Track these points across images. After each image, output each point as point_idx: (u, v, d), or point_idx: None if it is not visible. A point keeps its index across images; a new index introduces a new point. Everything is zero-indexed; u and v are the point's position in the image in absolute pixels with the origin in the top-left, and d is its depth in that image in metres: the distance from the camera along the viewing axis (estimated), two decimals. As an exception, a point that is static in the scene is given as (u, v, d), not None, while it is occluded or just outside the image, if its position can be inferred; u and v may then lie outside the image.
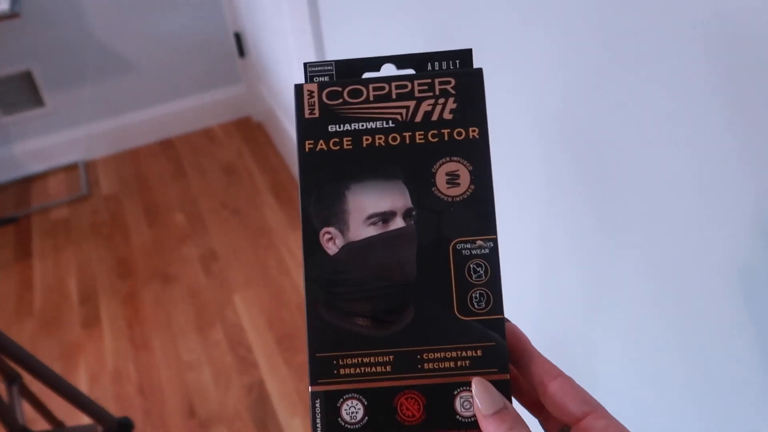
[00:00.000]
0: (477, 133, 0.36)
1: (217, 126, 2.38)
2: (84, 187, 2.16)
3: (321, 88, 0.37)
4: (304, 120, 0.36)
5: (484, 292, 0.35)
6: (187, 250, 1.87)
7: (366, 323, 0.35)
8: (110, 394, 1.50)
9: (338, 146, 0.36)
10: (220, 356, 1.55)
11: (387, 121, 0.36)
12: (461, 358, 0.34)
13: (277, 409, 1.42)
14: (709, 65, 0.42)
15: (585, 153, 0.58)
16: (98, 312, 1.71)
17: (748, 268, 0.45)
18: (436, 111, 0.36)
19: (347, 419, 0.34)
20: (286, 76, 1.70)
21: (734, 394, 0.51)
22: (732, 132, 0.42)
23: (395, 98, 0.36)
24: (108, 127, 2.26)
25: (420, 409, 0.34)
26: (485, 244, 0.35)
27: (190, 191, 2.09)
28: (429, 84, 0.36)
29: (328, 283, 0.35)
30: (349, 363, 0.35)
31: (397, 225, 0.35)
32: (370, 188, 0.35)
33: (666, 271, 0.53)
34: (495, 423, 0.32)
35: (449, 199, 0.35)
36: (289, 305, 1.66)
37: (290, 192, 2.02)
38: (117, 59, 2.14)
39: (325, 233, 0.35)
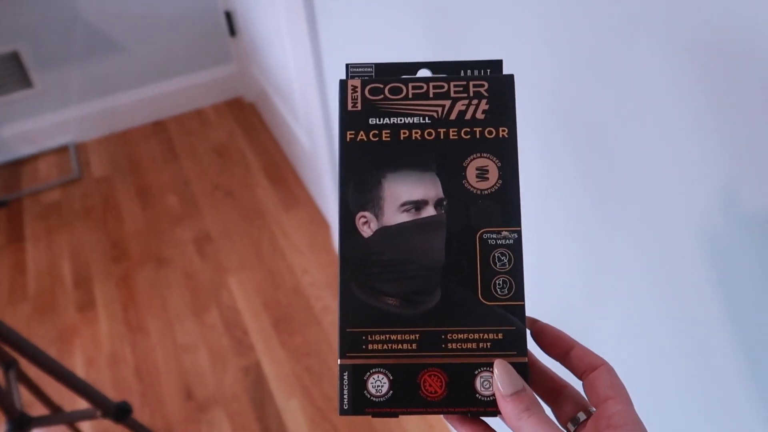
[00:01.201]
0: (506, 133, 0.39)
1: (208, 107, 2.35)
2: (75, 169, 2.14)
3: (364, 85, 0.40)
4: (346, 112, 0.39)
5: (507, 280, 0.37)
6: (181, 232, 1.86)
7: (395, 303, 0.37)
8: (107, 378, 1.50)
9: (377, 138, 0.39)
10: (216, 339, 1.56)
11: (424, 117, 0.39)
12: (483, 340, 0.37)
13: (274, 391, 1.43)
14: (695, 50, 0.42)
15: (579, 133, 0.58)
16: (93, 295, 1.71)
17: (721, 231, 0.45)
18: (470, 111, 0.39)
19: (373, 392, 0.37)
20: (278, 55, 1.68)
21: (724, 364, 0.51)
22: (714, 116, 0.42)
23: (432, 97, 0.39)
24: (98, 109, 2.24)
25: (442, 386, 0.36)
26: (510, 235, 0.37)
27: (182, 173, 2.07)
28: (464, 86, 0.39)
29: (362, 264, 0.38)
30: (377, 339, 0.37)
31: (429, 213, 0.38)
32: (405, 178, 0.38)
33: (657, 245, 0.53)
34: (513, 403, 0.33)
35: (478, 192, 0.38)
36: (284, 287, 1.65)
37: (283, 172, 2.01)
38: (106, 39, 2.11)
39: (360, 217, 0.38)
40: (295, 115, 1.78)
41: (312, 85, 1.38)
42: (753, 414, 0.51)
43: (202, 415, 1.40)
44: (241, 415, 1.39)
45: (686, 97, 0.45)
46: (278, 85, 1.85)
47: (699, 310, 0.52)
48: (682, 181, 0.48)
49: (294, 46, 1.43)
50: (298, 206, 1.89)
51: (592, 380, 0.35)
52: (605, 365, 0.36)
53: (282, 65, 1.68)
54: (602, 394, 0.34)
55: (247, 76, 2.24)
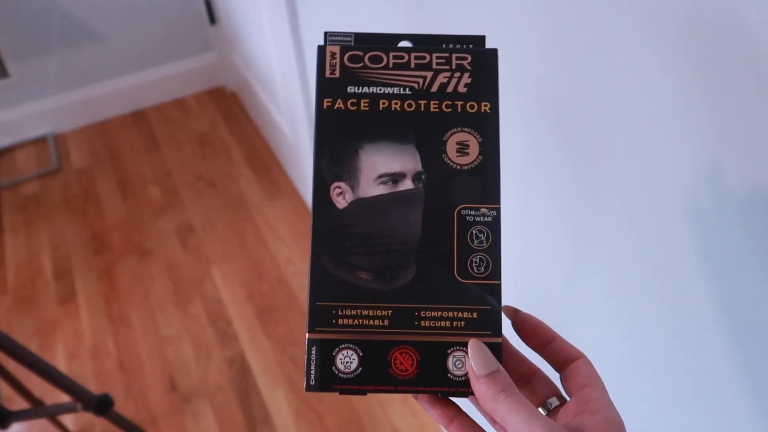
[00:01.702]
0: (489, 107, 0.38)
1: (189, 96, 2.33)
2: (54, 160, 2.11)
3: (343, 51, 0.38)
4: (324, 79, 0.38)
5: (485, 258, 0.36)
6: (163, 223, 1.84)
7: (368, 277, 0.36)
8: (89, 371, 1.49)
9: (355, 107, 0.38)
10: (200, 330, 1.55)
11: (404, 88, 0.38)
12: (457, 318, 0.36)
13: (259, 381, 1.42)
14: (679, 26, 0.41)
15: (564, 111, 0.58)
16: (74, 288, 1.69)
17: (709, 206, 0.45)
18: (452, 83, 0.38)
19: (341, 368, 0.35)
20: (259, 43, 1.66)
21: (713, 345, 0.51)
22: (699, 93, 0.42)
23: (413, 67, 0.38)
24: (77, 99, 2.20)
25: (413, 364, 0.35)
26: (489, 212, 0.37)
27: (164, 163, 2.05)
28: (446, 58, 0.38)
29: (335, 236, 0.36)
30: (348, 314, 0.36)
31: (406, 186, 0.36)
32: (383, 149, 0.37)
33: (641, 217, 0.53)
34: (488, 384, 0.32)
35: (458, 167, 0.37)
36: (268, 277, 1.65)
37: (266, 162, 2.00)
38: (83, 27, 2.07)
39: (335, 188, 0.37)
40: (277, 104, 1.76)
41: (293, 73, 1.37)
42: (741, 397, 0.51)
43: (187, 406, 1.40)
44: (226, 406, 1.39)
45: (671, 74, 0.45)
46: (260, 74, 1.83)
47: (686, 287, 0.52)
48: (668, 157, 0.48)
49: (275, 34, 1.41)
50: (282, 196, 1.88)
51: (571, 370, 0.35)
52: (584, 357, 0.35)
53: (263, 53, 1.66)
54: (580, 383, 0.34)
55: (229, 65, 2.22)
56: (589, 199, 0.59)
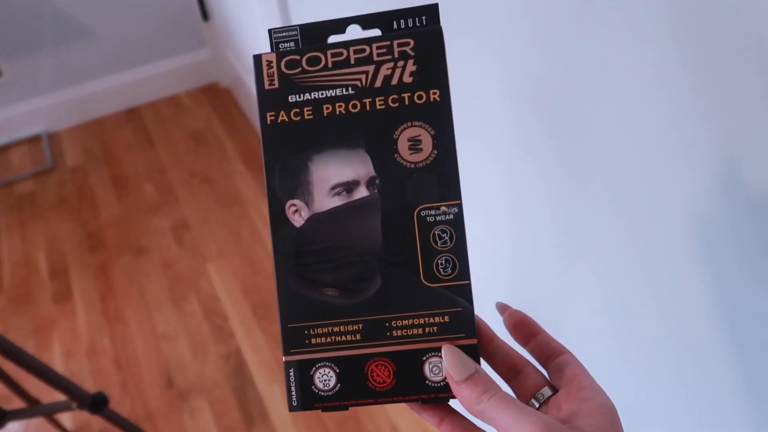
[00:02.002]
0: (438, 95, 0.35)
1: (183, 93, 2.32)
2: (48, 159, 2.10)
3: (279, 58, 0.36)
4: (264, 91, 0.36)
5: (450, 258, 0.35)
6: (158, 220, 1.84)
7: (334, 293, 0.35)
8: (86, 369, 1.49)
9: (299, 116, 0.36)
10: (196, 326, 1.55)
11: (347, 87, 0.35)
12: (429, 324, 0.35)
13: (256, 377, 1.43)
14: (672, 22, 0.41)
15: (552, 101, 0.58)
16: (69, 286, 1.69)
17: (699, 198, 0.45)
18: (396, 74, 0.35)
19: (321, 387, 0.35)
20: (252, 39, 1.65)
21: (709, 346, 0.52)
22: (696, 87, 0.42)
23: (354, 63, 0.36)
24: (70, 97, 2.20)
25: (390, 375, 0.35)
26: (449, 210, 0.35)
27: (158, 161, 2.05)
28: (388, 47, 0.35)
29: (296, 255, 0.35)
30: (320, 332, 0.35)
31: (361, 194, 0.35)
32: (333, 158, 0.35)
33: (633, 210, 0.53)
34: (469, 387, 0.32)
35: (412, 166, 0.35)
36: (263, 273, 1.65)
37: (261, 158, 1.99)
38: (76, 25, 2.07)
39: (290, 205, 0.35)
40: (270, 100, 1.76)
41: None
42: (730, 391, 0.51)
43: (184, 403, 1.40)
44: (223, 402, 1.39)
45: (662, 69, 0.45)
46: (253, 70, 1.83)
47: (677, 281, 0.52)
48: (659, 152, 0.48)
49: (267, 29, 1.40)
50: (277, 192, 1.87)
51: (560, 363, 0.35)
52: (570, 352, 0.36)
53: (256, 49, 1.66)
54: (569, 374, 0.34)
55: (222, 62, 2.21)
56: (580, 194, 0.59)
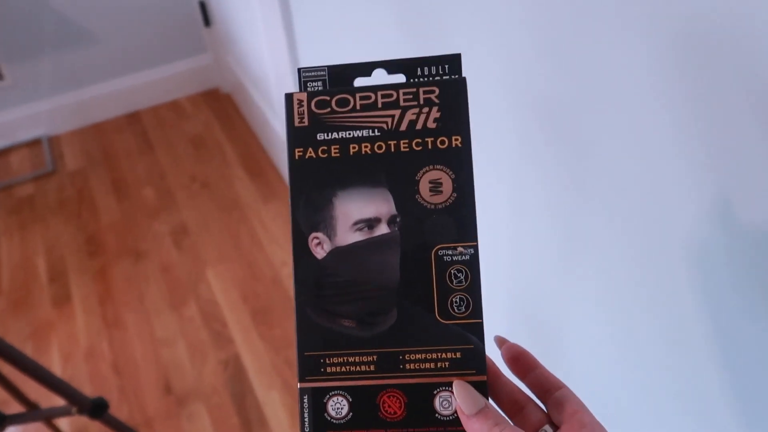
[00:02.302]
0: (459, 141, 0.37)
1: (184, 98, 2.33)
2: (48, 163, 2.11)
3: (310, 98, 0.38)
4: (294, 128, 0.38)
5: (464, 297, 0.36)
6: (158, 225, 1.84)
7: (351, 324, 0.36)
8: (84, 373, 1.49)
9: (326, 154, 0.37)
10: (195, 332, 1.55)
11: (373, 129, 0.37)
12: (441, 359, 0.36)
13: (254, 383, 1.43)
14: (672, 30, 0.42)
15: (553, 108, 0.58)
16: (68, 290, 1.69)
17: (702, 211, 0.46)
18: (420, 120, 0.37)
19: (333, 414, 0.36)
20: (254, 45, 1.66)
21: (698, 347, 0.52)
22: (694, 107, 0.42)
23: (381, 107, 0.37)
24: (71, 101, 2.20)
25: (401, 407, 0.36)
26: (466, 251, 0.36)
27: (158, 165, 2.05)
28: (414, 93, 0.37)
29: (316, 286, 0.37)
30: (335, 362, 0.37)
31: (382, 231, 0.36)
32: (356, 195, 0.37)
33: (632, 216, 0.54)
34: (480, 422, 0.33)
35: (432, 207, 0.37)
36: (263, 279, 1.65)
37: (261, 164, 2.00)
38: (77, 29, 2.07)
39: (313, 238, 0.37)
40: (271, 106, 1.76)
41: (287, 75, 1.37)
42: (725, 400, 0.51)
43: (182, 409, 1.40)
44: (221, 408, 1.39)
45: (662, 76, 0.45)
46: (254, 76, 1.84)
47: (675, 290, 0.53)
48: (659, 160, 0.49)
49: (269, 36, 1.41)
50: (276, 198, 1.88)
51: (559, 398, 0.36)
52: (567, 387, 0.36)
53: (257, 55, 1.66)
54: (570, 410, 0.35)
55: (223, 67, 2.22)
56: (579, 201, 0.60)
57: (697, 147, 0.44)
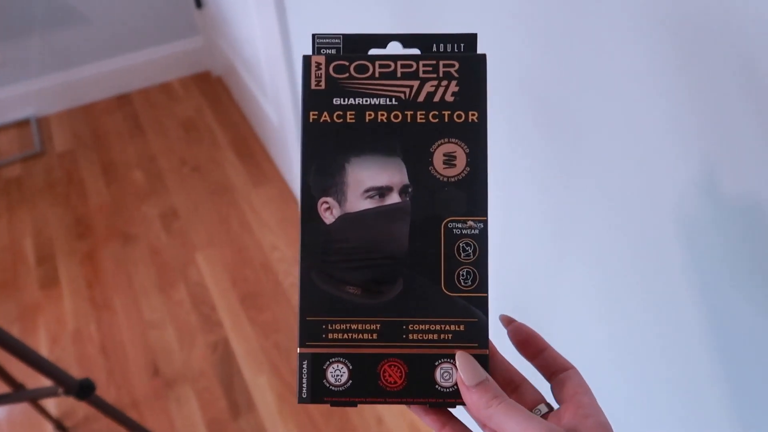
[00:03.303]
0: (476, 117, 0.37)
1: (175, 80, 2.31)
2: (37, 144, 2.08)
3: (328, 61, 0.37)
4: (310, 91, 0.37)
5: (471, 271, 0.36)
6: (147, 208, 1.83)
7: (356, 291, 0.36)
8: (72, 355, 1.48)
9: (341, 119, 0.37)
10: (184, 315, 1.54)
11: (390, 98, 0.37)
12: (444, 331, 0.36)
13: (243, 367, 1.43)
14: (669, 22, 0.42)
15: (545, 99, 0.58)
16: (56, 272, 1.68)
17: (692, 198, 0.46)
18: (439, 92, 0.37)
19: (332, 381, 0.36)
20: (245, 28, 1.64)
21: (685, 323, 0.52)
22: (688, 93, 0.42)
23: (400, 77, 0.37)
24: (60, 81, 2.18)
25: (402, 376, 0.36)
26: (476, 225, 0.36)
27: (148, 148, 2.03)
28: (434, 65, 0.37)
29: (323, 251, 0.37)
30: (337, 328, 0.36)
31: (393, 200, 0.36)
32: (370, 162, 0.37)
33: (624, 207, 0.54)
34: (479, 393, 0.33)
35: (444, 179, 0.37)
36: (252, 263, 1.64)
37: (252, 148, 1.99)
38: (68, 9, 2.05)
39: (323, 203, 0.37)
40: (263, 90, 1.75)
41: (279, 59, 1.36)
42: (719, 392, 0.52)
43: (170, 391, 1.40)
44: (209, 392, 1.39)
45: (657, 68, 0.45)
46: (246, 59, 1.82)
47: (668, 279, 0.53)
48: (652, 150, 0.49)
49: (261, 18, 1.40)
50: (267, 182, 1.87)
51: (563, 379, 0.36)
52: (574, 368, 0.37)
53: (249, 38, 1.65)
54: (571, 391, 0.35)
55: (215, 50, 2.20)
56: (572, 191, 0.60)
57: (690, 136, 0.44)
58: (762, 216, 0.41)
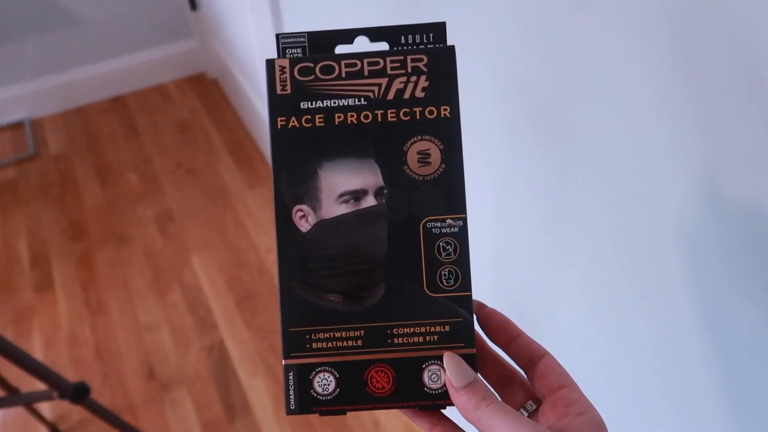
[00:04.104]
0: (448, 111, 0.36)
1: (170, 82, 2.30)
2: (31, 146, 2.08)
3: (293, 64, 0.36)
4: (276, 96, 0.36)
5: (453, 270, 0.36)
6: (142, 210, 1.83)
7: (338, 299, 0.36)
8: (66, 358, 1.48)
9: (310, 123, 0.36)
10: (179, 318, 1.54)
11: (359, 98, 0.36)
12: (430, 333, 0.36)
13: (238, 369, 1.42)
14: (663, 20, 0.42)
15: (541, 102, 0.58)
16: (51, 275, 1.67)
17: (690, 201, 0.46)
18: (408, 89, 0.36)
19: (319, 391, 0.36)
20: (240, 30, 1.64)
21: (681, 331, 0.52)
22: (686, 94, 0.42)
23: (367, 75, 0.36)
24: (54, 83, 2.17)
25: (390, 381, 0.36)
26: (455, 223, 0.36)
27: (143, 150, 2.03)
28: (401, 61, 0.36)
29: (301, 260, 0.36)
30: (321, 337, 0.36)
31: (369, 203, 0.36)
32: (342, 166, 0.36)
33: (618, 210, 0.54)
34: (468, 394, 0.33)
35: (420, 178, 0.36)
36: (248, 265, 1.64)
37: (247, 150, 1.99)
38: (61, 11, 2.04)
39: (297, 211, 0.36)
40: (258, 92, 1.75)
41: (274, 61, 1.36)
42: (713, 395, 0.52)
43: (165, 394, 1.39)
44: (205, 394, 1.39)
45: (652, 68, 0.45)
46: (241, 61, 1.82)
47: (662, 281, 0.53)
48: (647, 151, 0.49)
49: (256, 20, 1.40)
50: (262, 184, 1.87)
51: (542, 369, 0.35)
52: (549, 354, 0.36)
53: (244, 40, 1.65)
54: (555, 383, 0.34)
55: (210, 52, 2.20)
56: (566, 192, 0.60)
57: (687, 140, 0.44)
58: (763, 216, 0.41)
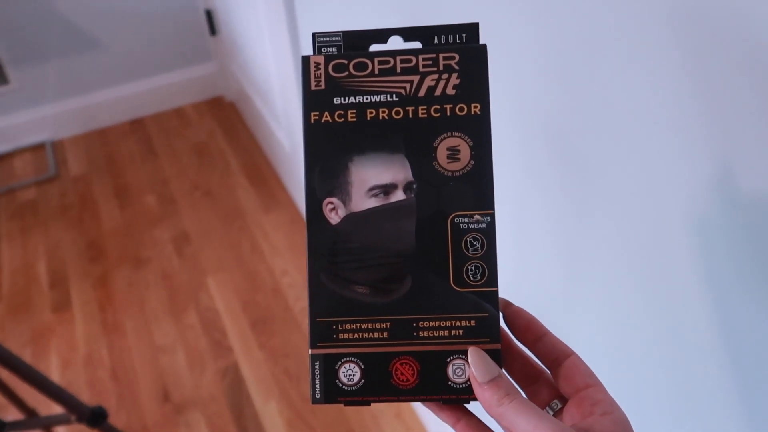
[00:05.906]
0: (479, 109, 0.37)
1: (188, 105, 2.34)
2: (52, 167, 2.11)
3: (327, 61, 0.37)
4: (310, 92, 0.37)
5: (480, 265, 0.36)
6: (159, 232, 1.84)
7: (365, 291, 0.36)
8: (83, 379, 1.49)
9: (343, 118, 0.37)
10: (194, 340, 1.54)
11: (391, 94, 0.37)
12: (455, 327, 0.36)
13: (252, 392, 1.42)
14: (678, 49, 0.42)
15: (559, 130, 0.59)
16: (69, 296, 1.69)
17: (704, 225, 0.46)
18: (440, 86, 0.37)
19: (345, 381, 0.36)
20: (259, 54, 1.67)
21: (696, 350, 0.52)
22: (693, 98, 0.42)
23: (400, 72, 0.37)
24: (76, 106, 2.21)
25: (414, 374, 0.36)
26: (482, 219, 0.36)
27: (161, 172, 2.05)
28: (433, 59, 0.37)
29: (330, 252, 0.36)
30: (347, 328, 0.36)
31: (398, 197, 0.36)
32: (373, 161, 0.36)
33: (634, 235, 0.54)
34: (492, 390, 0.33)
35: (449, 174, 0.36)
36: (263, 288, 1.65)
37: (263, 173, 2.00)
38: (84, 35, 2.08)
39: (328, 203, 0.37)
40: (275, 115, 1.77)
41: (292, 86, 1.38)
42: (730, 414, 0.51)
43: (180, 417, 1.39)
44: (219, 417, 1.39)
45: (667, 94, 0.45)
46: (258, 85, 1.84)
47: (678, 310, 0.53)
48: (662, 177, 0.49)
49: (274, 45, 1.42)
50: (278, 207, 1.88)
51: (568, 368, 0.35)
52: (576, 354, 0.36)
53: (262, 65, 1.67)
54: (581, 383, 0.34)
55: (228, 75, 2.23)
56: (581, 216, 0.60)
57: (707, 167, 0.44)
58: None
